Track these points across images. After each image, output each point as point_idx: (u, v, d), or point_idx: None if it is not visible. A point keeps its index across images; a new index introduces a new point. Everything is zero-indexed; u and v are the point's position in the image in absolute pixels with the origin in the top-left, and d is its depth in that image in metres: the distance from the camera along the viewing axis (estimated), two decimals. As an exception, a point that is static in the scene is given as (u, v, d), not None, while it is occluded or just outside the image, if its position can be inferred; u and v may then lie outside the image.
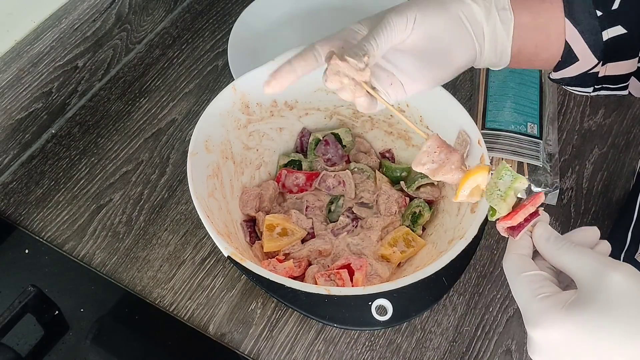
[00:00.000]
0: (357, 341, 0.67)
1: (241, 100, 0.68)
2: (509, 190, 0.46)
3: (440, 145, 0.50)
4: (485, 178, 0.48)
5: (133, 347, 0.66)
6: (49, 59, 0.75)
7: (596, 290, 0.39)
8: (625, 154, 0.83)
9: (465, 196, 0.49)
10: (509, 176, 0.47)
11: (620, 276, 0.39)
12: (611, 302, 0.38)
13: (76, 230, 0.73)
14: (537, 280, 0.42)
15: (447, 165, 0.49)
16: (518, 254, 0.45)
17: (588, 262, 0.41)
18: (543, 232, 0.45)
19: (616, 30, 0.55)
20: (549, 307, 0.40)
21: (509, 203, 0.46)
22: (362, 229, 0.70)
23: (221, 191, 0.67)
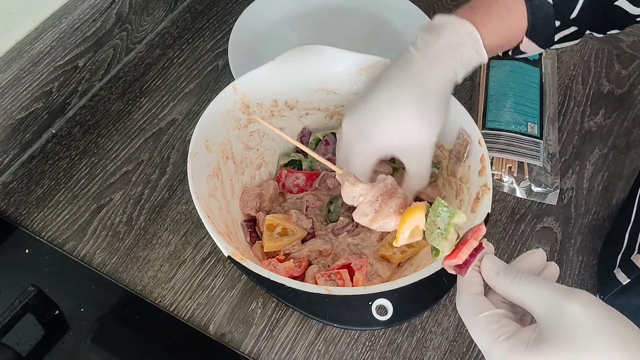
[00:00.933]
0: (357, 341, 0.67)
1: (241, 100, 0.68)
2: (448, 227, 0.45)
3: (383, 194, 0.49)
4: (422, 218, 0.47)
5: (133, 346, 0.66)
6: (50, 59, 0.75)
7: (557, 324, 0.38)
8: (626, 155, 0.83)
9: (406, 239, 0.48)
10: (446, 212, 0.45)
11: (578, 306, 0.38)
12: (574, 335, 0.37)
13: (76, 230, 0.73)
14: (495, 321, 0.41)
15: (384, 210, 0.48)
16: (470, 293, 0.44)
17: (543, 294, 0.40)
18: (491, 266, 0.43)
19: (569, 30, 0.59)
20: (513, 349, 0.39)
21: (451, 240, 0.45)
22: (363, 228, 0.70)
23: (221, 191, 0.67)
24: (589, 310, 0.38)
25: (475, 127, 0.64)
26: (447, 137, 0.67)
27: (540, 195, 0.78)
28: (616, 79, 0.91)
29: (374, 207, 0.49)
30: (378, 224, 0.49)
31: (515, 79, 0.84)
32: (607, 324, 0.38)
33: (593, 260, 0.75)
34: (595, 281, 0.73)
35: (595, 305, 0.38)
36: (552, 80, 0.88)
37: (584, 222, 0.77)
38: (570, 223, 0.77)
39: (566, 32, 0.60)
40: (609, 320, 0.38)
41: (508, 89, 0.83)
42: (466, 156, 0.64)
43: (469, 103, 0.86)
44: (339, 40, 0.75)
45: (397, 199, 0.48)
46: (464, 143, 0.64)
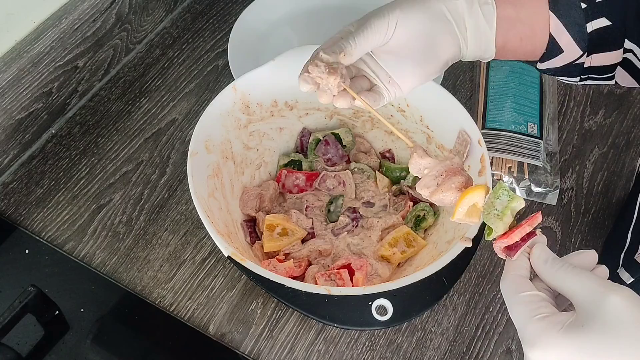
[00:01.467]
0: (357, 341, 0.67)
1: (241, 100, 0.68)
2: (505, 209, 0.46)
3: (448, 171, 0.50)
4: (482, 197, 0.48)
5: (133, 347, 0.66)
6: (49, 59, 0.75)
7: (594, 313, 0.39)
8: (626, 154, 0.83)
9: (462, 214, 0.49)
10: (506, 196, 0.46)
11: (619, 299, 0.38)
12: (609, 325, 0.38)
13: (76, 230, 0.73)
14: (534, 301, 0.42)
15: (446, 184, 0.50)
16: (516, 274, 0.45)
17: (586, 284, 0.40)
18: (541, 254, 0.44)
19: (600, 22, 0.55)
20: (547, 328, 0.40)
21: (505, 222, 0.46)
22: (363, 228, 0.70)
23: (221, 191, 0.67)
24: (630, 304, 0.38)
25: (475, 127, 0.64)
26: (447, 137, 0.67)
27: (540, 195, 0.78)
28: (616, 78, 0.91)
29: (437, 181, 0.50)
30: (437, 197, 0.50)
31: (515, 79, 0.84)
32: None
33: (593, 260, 0.74)
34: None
35: (637, 302, 0.38)
36: (552, 80, 0.88)
37: (584, 221, 0.77)
38: (571, 223, 0.77)
39: (598, 24, 0.56)
40: None
41: (508, 89, 0.83)
42: (466, 156, 0.64)
43: (468, 103, 0.86)
44: (339, 40, 0.75)
45: (461, 177, 0.49)
46: (464, 143, 0.64)
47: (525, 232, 0.46)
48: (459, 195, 0.49)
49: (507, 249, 0.46)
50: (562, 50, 0.57)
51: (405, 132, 0.73)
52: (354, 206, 0.72)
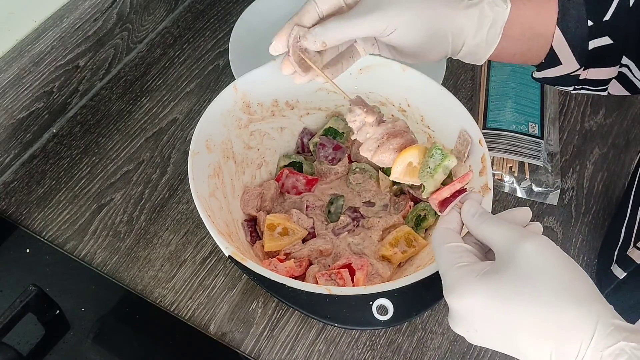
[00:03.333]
0: (358, 341, 0.67)
1: (242, 100, 0.68)
2: (437, 167, 0.48)
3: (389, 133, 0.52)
4: (416, 157, 0.50)
5: (134, 346, 0.66)
6: (50, 59, 0.75)
7: (510, 260, 0.40)
8: (626, 154, 0.83)
9: (400, 174, 0.51)
10: (439, 154, 0.48)
11: (532, 246, 0.40)
12: (521, 271, 0.39)
13: (77, 230, 0.73)
14: (457, 251, 0.44)
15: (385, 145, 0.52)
16: (445, 227, 0.46)
17: (505, 234, 0.42)
18: (470, 208, 0.46)
19: (603, 40, 0.56)
20: (464, 275, 0.41)
21: (437, 179, 0.48)
22: (363, 228, 0.70)
23: (222, 191, 0.67)
24: (543, 252, 0.40)
25: (476, 127, 0.64)
26: (448, 137, 0.67)
27: (541, 195, 0.78)
28: (617, 78, 0.91)
29: (377, 144, 0.52)
30: (378, 158, 0.52)
31: (515, 79, 0.84)
32: (559, 268, 0.39)
33: (594, 260, 0.75)
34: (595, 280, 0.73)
35: (551, 249, 0.40)
36: (552, 80, 0.88)
37: (584, 221, 0.77)
38: (571, 223, 0.77)
39: (600, 42, 0.56)
40: (560, 265, 0.39)
41: (509, 89, 0.83)
42: (467, 156, 0.64)
43: (469, 103, 0.86)
44: (340, 40, 0.75)
45: (400, 139, 0.51)
46: (465, 143, 0.64)
47: (455, 189, 0.48)
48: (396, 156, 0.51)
49: (439, 205, 0.48)
50: (560, 62, 0.58)
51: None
52: (354, 206, 0.72)
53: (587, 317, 0.37)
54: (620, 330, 0.36)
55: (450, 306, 0.42)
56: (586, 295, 0.38)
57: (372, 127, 0.52)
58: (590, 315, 0.37)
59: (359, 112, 0.53)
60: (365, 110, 0.53)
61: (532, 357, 0.39)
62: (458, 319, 0.42)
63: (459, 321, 0.42)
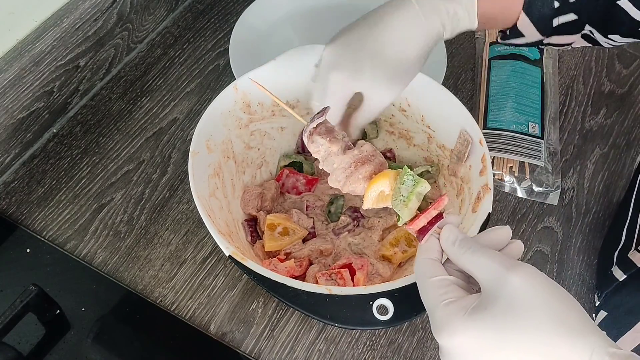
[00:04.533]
0: (358, 341, 0.67)
1: (242, 100, 0.68)
2: (410, 195, 0.46)
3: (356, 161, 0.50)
4: (387, 185, 0.48)
5: (134, 346, 0.66)
6: (51, 58, 0.75)
7: (497, 294, 0.39)
8: (627, 154, 0.83)
9: (372, 202, 0.50)
10: (411, 180, 0.47)
11: (519, 279, 0.39)
12: (510, 306, 0.38)
13: (77, 230, 0.73)
14: (442, 286, 0.42)
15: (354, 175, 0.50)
16: (426, 258, 0.45)
17: (489, 265, 0.41)
18: (449, 235, 0.44)
19: (568, 17, 0.57)
20: (452, 314, 0.40)
21: (411, 208, 0.46)
22: (364, 228, 0.70)
23: (222, 190, 0.67)
24: (531, 284, 0.39)
25: (476, 127, 0.64)
26: (448, 137, 0.67)
27: (542, 195, 0.78)
28: (617, 78, 0.91)
29: (345, 174, 0.50)
30: (348, 189, 0.51)
31: (516, 79, 0.84)
32: (547, 299, 0.38)
33: (594, 260, 0.75)
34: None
35: (538, 280, 0.39)
36: (553, 80, 0.88)
37: (585, 221, 0.77)
38: (572, 223, 0.77)
39: (565, 19, 0.58)
40: (549, 296, 0.38)
41: (509, 88, 0.83)
42: (467, 156, 0.64)
43: (470, 103, 0.86)
44: (340, 40, 0.75)
45: (370, 166, 0.50)
46: (465, 143, 0.64)
47: (431, 216, 0.46)
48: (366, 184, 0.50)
49: (417, 233, 0.47)
50: (523, 35, 0.61)
51: (406, 132, 0.73)
52: (355, 205, 0.72)
53: (582, 349, 0.36)
54: (614, 358, 0.35)
55: (440, 345, 0.41)
56: (579, 327, 0.37)
57: (337, 156, 0.50)
58: (585, 347, 0.36)
59: (321, 142, 0.51)
60: (329, 139, 0.51)
61: None
62: (449, 356, 0.41)
63: (451, 358, 0.41)
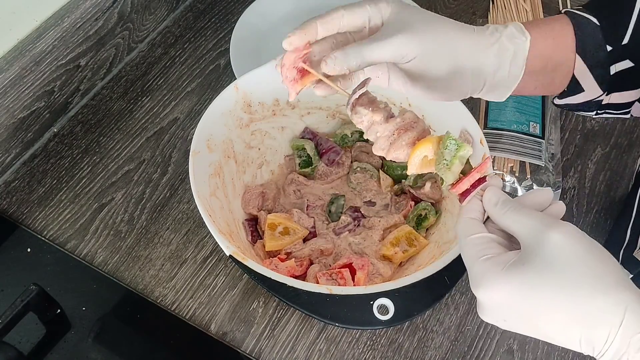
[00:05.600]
0: (358, 340, 0.67)
1: (243, 100, 0.68)
2: (454, 159, 0.47)
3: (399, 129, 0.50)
4: (431, 150, 0.49)
5: (134, 345, 0.66)
6: (52, 58, 0.75)
7: (536, 250, 0.40)
8: (628, 154, 0.83)
9: (415, 169, 0.50)
10: (454, 145, 0.47)
11: (559, 235, 0.40)
12: (548, 261, 0.39)
13: (78, 229, 0.73)
14: (482, 243, 0.43)
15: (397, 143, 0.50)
16: (468, 217, 0.46)
17: (529, 223, 0.42)
18: (492, 197, 0.45)
19: (624, 64, 0.55)
20: (490, 269, 0.41)
21: (454, 171, 0.47)
22: (364, 228, 0.70)
23: (223, 190, 0.67)
24: (571, 241, 0.39)
25: (477, 127, 0.64)
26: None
27: (542, 194, 0.78)
28: (618, 78, 0.91)
29: (389, 141, 0.50)
30: (392, 156, 0.51)
31: (517, 78, 0.84)
32: (586, 257, 0.39)
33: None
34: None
35: (578, 238, 0.40)
36: (554, 80, 0.88)
37: (586, 221, 0.77)
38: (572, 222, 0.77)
39: (622, 66, 0.55)
40: (589, 254, 0.39)
41: (510, 88, 0.83)
42: (468, 156, 0.64)
43: (470, 103, 0.86)
44: (341, 40, 0.75)
45: (413, 132, 0.50)
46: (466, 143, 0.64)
47: (474, 179, 0.47)
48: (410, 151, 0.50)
49: (461, 195, 0.47)
50: (583, 89, 0.57)
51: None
52: (355, 205, 0.72)
53: (615, 304, 0.37)
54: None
55: (477, 298, 0.42)
56: (614, 283, 0.38)
57: (380, 125, 0.51)
58: (618, 302, 0.37)
59: (364, 112, 0.51)
60: (371, 109, 0.51)
61: (562, 343, 0.39)
62: (486, 310, 0.42)
63: (487, 312, 0.42)
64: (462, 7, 0.98)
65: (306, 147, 0.73)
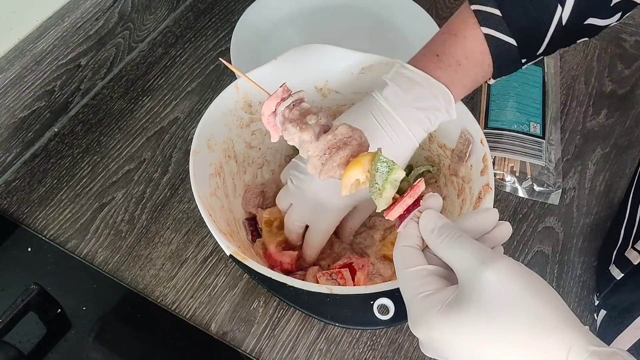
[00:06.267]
0: (359, 340, 0.67)
1: (244, 99, 0.68)
2: (385, 183, 0.45)
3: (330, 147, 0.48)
4: (360, 172, 0.46)
5: (135, 345, 0.66)
6: (52, 58, 0.75)
7: (471, 288, 0.38)
8: (628, 154, 0.83)
9: (349, 190, 0.48)
10: (385, 167, 0.45)
11: (493, 274, 0.37)
12: (484, 301, 0.37)
13: (79, 229, 0.73)
14: (420, 277, 0.41)
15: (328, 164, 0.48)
16: (404, 246, 0.43)
17: (465, 257, 0.40)
18: (428, 223, 0.43)
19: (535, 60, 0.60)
20: (428, 308, 0.39)
21: (386, 196, 0.45)
22: (366, 227, 0.70)
23: (223, 190, 0.67)
24: (506, 280, 0.37)
25: (478, 127, 0.64)
26: (449, 137, 0.67)
27: (543, 195, 0.78)
28: (618, 78, 0.91)
29: (321, 161, 0.48)
30: (325, 177, 0.49)
31: (517, 79, 0.84)
32: (524, 297, 0.37)
33: (594, 261, 0.74)
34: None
35: (515, 276, 0.38)
36: (554, 80, 0.88)
37: (586, 222, 0.77)
38: (572, 223, 0.77)
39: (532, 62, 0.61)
40: (525, 292, 0.37)
41: (510, 88, 0.83)
42: (468, 156, 0.64)
43: (471, 102, 0.86)
44: (342, 39, 0.75)
45: (345, 150, 0.47)
46: (466, 143, 0.64)
47: (407, 204, 0.44)
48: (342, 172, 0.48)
49: (398, 219, 0.45)
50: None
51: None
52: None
53: (558, 346, 0.35)
54: (594, 357, 0.34)
55: (419, 338, 0.41)
56: (557, 324, 0.36)
57: (310, 144, 0.48)
58: (561, 345, 0.35)
59: (293, 131, 0.49)
60: (299, 127, 0.48)
61: None
62: (427, 348, 0.41)
63: (429, 350, 0.41)
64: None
65: None
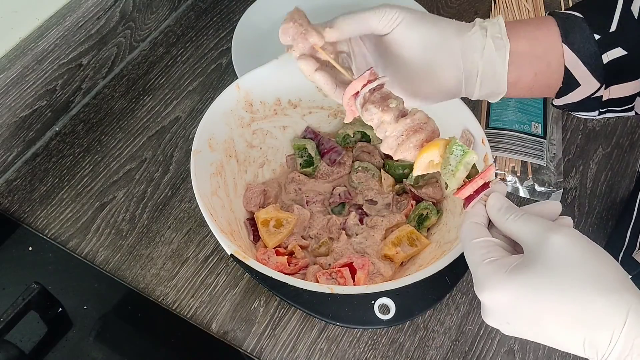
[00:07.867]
0: (359, 340, 0.67)
1: (245, 99, 0.68)
2: (459, 165, 0.47)
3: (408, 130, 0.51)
4: (437, 155, 0.49)
5: (136, 344, 0.66)
6: (53, 57, 0.75)
7: (537, 253, 0.40)
8: (630, 154, 0.83)
9: (422, 170, 0.51)
10: (459, 150, 0.48)
11: (560, 238, 0.40)
12: (550, 264, 0.40)
13: (80, 228, 0.73)
14: (485, 246, 0.44)
15: (405, 144, 0.51)
16: (472, 222, 0.46)
17: (531, 227, 0.42)
18: (495, 203, 0.46)
19: (616, 52, 0.54)
20: (494, 271, 0.41)
21: (458, 177, 0.48)
22: (366, 227, 0.70)
23: (224, 189, 0.67)
24: (572, 244, 0.40)
25: (479, 127, 0.64)
26: (450, 137, 0.67)
27: (544, 194, 0.78)
28: (620, 78, 0.91)
29: (397, 142, 0.51)
30: (399, 156, 0.51)
31: (519, 78, 0.84)
32: (588, 259, 0.39)
33: (596, 260, 0.74)
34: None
35: (579, 240, 0.40)
36: (556, 80, 0.88)
37: (587, 221, 0.77)
38: (574, 222, 0.77)
39: (614, 54, 0.54)
40: (591, 256, 0.40)
41: (512, 88, 0.83)
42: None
43: (472, 103, 0.85)
44: (343, 39, 0.75)
45: (421, 134, 0.50)
46: (468, 142, 0.64)
47: (477, 185, 0.47)
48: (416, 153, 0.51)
49: (465, 200, 0.48)
50: (578, 83, 0.56)
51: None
52: (358, 203, 0.72)
53: (618, 306, 0.37)
54: None
55: (482, 301, 0.43)
56: (616, 285, 0.38)
57: (390, 124, 0.51)
58: (620, 304, 0.37)
59: (375, 111, 0.51)
60: (381, 109, 0.51)
61: (565, 346, 0.40)
62: (490, 313, 0.42)
63: (491, 315, 0.42)
64: (464, 6, 0.98)
65: (307, 147, 0.73)
